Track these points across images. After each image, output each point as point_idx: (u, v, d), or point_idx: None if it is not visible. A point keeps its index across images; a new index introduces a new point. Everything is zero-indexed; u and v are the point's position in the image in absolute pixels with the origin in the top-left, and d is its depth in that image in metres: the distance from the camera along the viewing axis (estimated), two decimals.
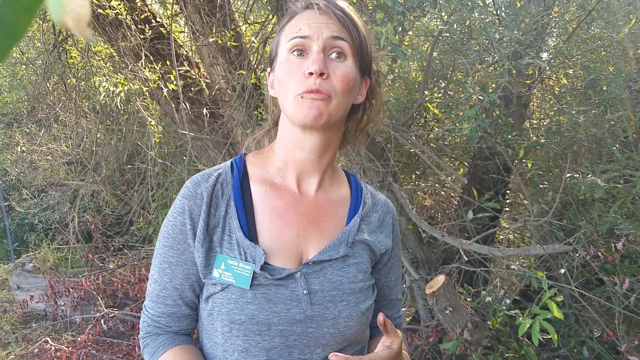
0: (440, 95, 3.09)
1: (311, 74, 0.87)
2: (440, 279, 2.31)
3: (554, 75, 3.27)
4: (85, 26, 0.22)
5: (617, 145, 2.95)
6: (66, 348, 3.10)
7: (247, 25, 3.23)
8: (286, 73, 0.91)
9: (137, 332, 3.14)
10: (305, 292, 0.92)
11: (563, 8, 2.97)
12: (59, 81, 4.18)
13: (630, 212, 2.76)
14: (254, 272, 0.89)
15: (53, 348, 3.09)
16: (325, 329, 0.92)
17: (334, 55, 0.91)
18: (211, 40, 2.98)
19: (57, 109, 4.26)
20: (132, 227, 4.38)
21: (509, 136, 2.86)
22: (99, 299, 3.47)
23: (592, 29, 3.16)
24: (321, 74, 0.87)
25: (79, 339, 3.28)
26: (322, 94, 0.87)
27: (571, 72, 3.09)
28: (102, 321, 3.29)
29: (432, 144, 3.32)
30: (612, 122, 3.00)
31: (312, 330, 0.91)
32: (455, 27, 2.65)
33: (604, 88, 3.17)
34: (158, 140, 3.54)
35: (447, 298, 2.30)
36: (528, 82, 2.99)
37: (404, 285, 2.83)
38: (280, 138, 1.00)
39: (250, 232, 0.94)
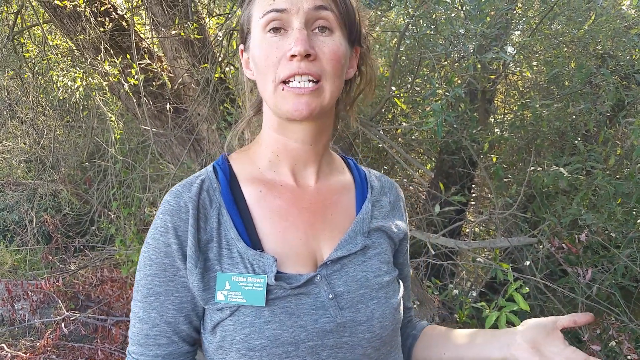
0: (407, 90, 3.09)
1: (294, 56, 0.75)
2: None
3: (518, 70, 3.32)
4: None
5: (579, 139, 3.02)
6: (24, 354, 2.98)
7: (211, 18, 3.16)
8: (264, 56, 0.78)
9: (99, 335, 3.04)
10: (330, 296, 0.80)
11: (527, 4, 3.01)
12: (15, 76, 4.00)
13: (591, 204, 2.83)
14: (267, 284, 0.77)
15: (9, 355, 2.96)
16: (360, 334, 0.81)
17: (318, 29, 0.78)
18: (174, 32, 2.90)
19: (14, 104, 4.09)
20: (93, 227, 4.24)
21: (474, 131, 2.89)
22: (60, 301, 3.34)
23: (554, 25, 3.22)
24: (307, 56, 0.75)
25: (37, 344, 3.16)
26: (310, 75, 0.76)
27: (535, 67, 3.14)
28: (63, 325, 3.17)
29: (399, 139, 3.33)
30: (574, 116, 3.07)
31: (346, 340, 0.80)
32: (421, 22, 2.65)
33: (566, 83, 3.24)
34: (119, 136, 3.43)
35: (415, 292, 2.30)
36: (493, 77, 3.02)
37: None
38: (266, 126, 0.88)
39: (252, 240, 0.81)
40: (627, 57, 2.90)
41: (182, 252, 0.78)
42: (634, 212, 2.74)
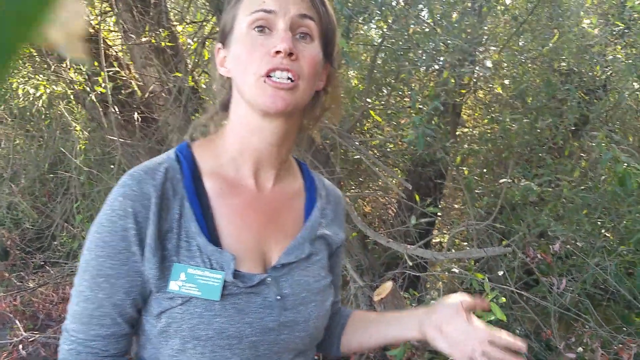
0: (382, 102, 3.12)
1: (278, 52, 0.79)
2: (388, 285, 2.30)
3: (488, 85, 3.41)
4: (77, 42, 0.17)
5: (545, 152, 3.12)
6: None
7: (183, 26, 3.10)
8: (247, 51, 0.81)
9: None
10: (278, 297, 0.85)
11: (495, 21, 3.10)
12: None
13: (558, 215, 2.92)
14: (224, 280, 0.80)
15: None
16: (296, 333, 0.87)
17: (299, 35, 0.83)
18: (144, 39, 2.82)
19: None
20: (55, 242, 4.04)
21: (447, 144, 2.94)
22: (17, 322, 3.15)
23: (520, 41, 3.33)
24: (290, 54, 0.79)
25: None
26: (290, 72, 0.79)
27: (506, 82, 3.24)
28: (21, 346, 2.99)
29: (373, 151, 3.35)
30: (538, 130, 3.17)
31: (284, 337, 0.86)
32: (397, 35, 2.68)
33: (529, 99, 3.35)
34: (83, 147, 3.29)
35: (395, 304, 2.29)
36: (464, 91, 3.09)
37: (350, 293, 2.81)
38: (233, 123, 0.89)
39: (212, 235, 0.83)
40: (590, 74, 3.04)
41: (139, 237, 0.79)
42: (599, 223, 2.85)
